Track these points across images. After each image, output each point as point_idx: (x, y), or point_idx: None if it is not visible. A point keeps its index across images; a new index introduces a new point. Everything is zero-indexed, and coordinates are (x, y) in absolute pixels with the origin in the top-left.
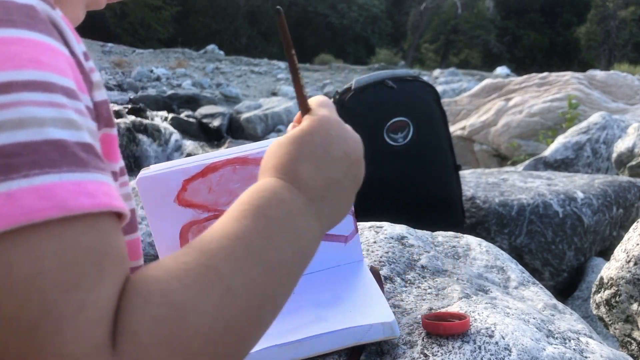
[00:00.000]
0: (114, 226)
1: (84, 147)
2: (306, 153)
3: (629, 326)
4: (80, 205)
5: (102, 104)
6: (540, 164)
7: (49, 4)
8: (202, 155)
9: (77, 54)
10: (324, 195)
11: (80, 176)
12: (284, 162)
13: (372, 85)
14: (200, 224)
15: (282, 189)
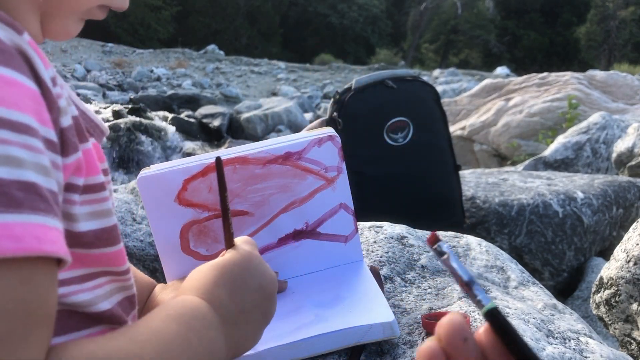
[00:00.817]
0: (45, 275)
1: (23, 186)
2: (225, 280)
3: (629, 326)
4: (1, 249)
5: (69, 129)
6: (540, 164)
7: (15, 30)
8: (203, 155)
9: (45, 80)
10: (235, 321)
11: (9, 217)
12: (205, 285)
13: (372, 85)
14: (200, 224)
15: (202, 306)
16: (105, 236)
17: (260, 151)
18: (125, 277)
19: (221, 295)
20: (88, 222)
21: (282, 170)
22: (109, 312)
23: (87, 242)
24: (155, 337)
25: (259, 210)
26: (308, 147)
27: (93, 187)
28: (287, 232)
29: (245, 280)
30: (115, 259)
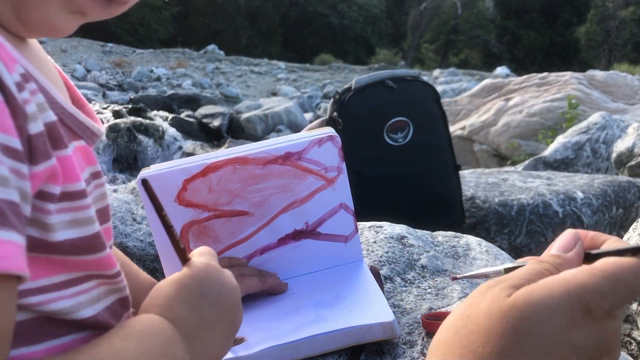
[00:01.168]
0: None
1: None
2: (183, 295)
3: (629, 326)
4: None
5: (38, 136)
6: (540, 164)
7: None
8: (203, 155)
9: (7, 86)
10: (197, 336)
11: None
12: (164, 302)
13: (372, 85)
14: (200, 224)
15: (162, 323)
16: (84, 245)
17: (260, 151)
18: (117, 279)
19: (180, 310)
20: (65, 231)
21: (282, 171)
22: (92, 318)
23: (65, 250)
24: (115, 356)
25: (259, 210)
26: (308, 148)
27: (71, 194)
28: (287, 232)
29: (204, 292)
30: (101, 264)
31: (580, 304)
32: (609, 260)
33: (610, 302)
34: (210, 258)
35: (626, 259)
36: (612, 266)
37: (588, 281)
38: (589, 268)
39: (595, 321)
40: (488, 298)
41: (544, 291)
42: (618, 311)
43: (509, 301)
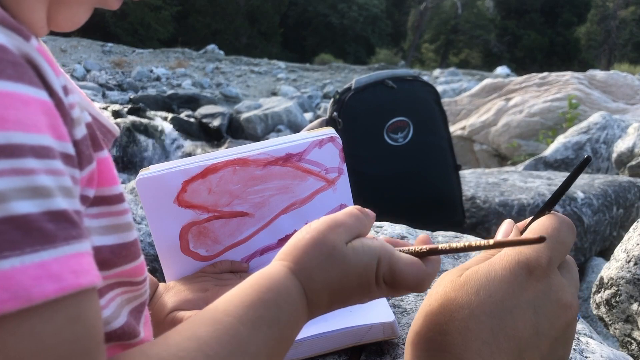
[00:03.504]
0: (88, 306)
1: (54, 216)
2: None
3: (629, 326)
4: (42, 293)
5: (83, 140)
6: (540, 163)
7: (22, 36)
8: (202, 156)
9: (57, 91)
10: (313, 317)
11: (46, 254)
12: (318, 282)
13: (372, 85)
14: (200, 225)
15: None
16: (124, 252)
17: (260, 153)
18: (141, 286)
19: (324, 303)
20: (103, 237)
21: (283, 172)
22: (120, 329)
23: (100, 260)
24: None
25: (259, 211)
26: (309, 149)
27: (109, 198)
28: (287, 232)
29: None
30: (134, 272)
31: (520, 267)
32: (533, 227)
33: (547, 256)
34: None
35: (545, 219)
36: (536, 229)
37: (521, 248)
38: None
39: (538, 279)
40: (443, 283)
41: (487, 266)
42: (558, 267)
43: (460, 280)
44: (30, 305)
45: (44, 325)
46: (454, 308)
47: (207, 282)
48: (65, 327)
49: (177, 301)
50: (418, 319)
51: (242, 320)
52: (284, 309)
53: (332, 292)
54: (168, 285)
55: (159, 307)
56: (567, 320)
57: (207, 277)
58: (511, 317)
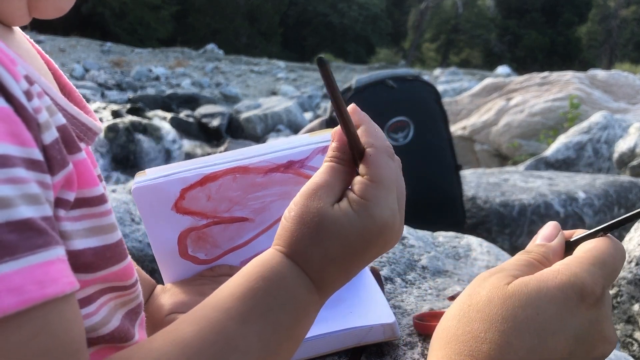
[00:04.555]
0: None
1: (16, 226)
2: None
3: (631, 327)
4: (1, 308)
5: (53, 144)
6: (541, 163)
7: None
8: (201, 161)
9: (16, 97)
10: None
11: (6, 267)
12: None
13: (373, 84)
14: (199, 230)
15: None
16: (108, 254)
17: (261, 160)
18: (132, 289)
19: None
20: (85, 240)
21: (284, 179)
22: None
23: (85, 263)
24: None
25: (259, 216)
26: (311, 156)
27: (90, 200)
28: None
29: (365, 255)
30: (122, 274)
31: (574, 291)
32: (588, 246)
33: (602, 285)
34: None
35: (601, 242)
36: (593, 251)
37: (578, 269)
38: (576, 258)
39: (588, 307)
40: (487, 287)
41: (539, 282)
42: (607, 295)
43: (508, 289)
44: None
45: (7, 340)
46: (497, 318)
47: (205, 285)
48: (31, 340)
49: (174, 303)
50: (454, 317)
51: (231, 315)
52: (279, 297)
53: (337, 263)
54: (165, 287)
55: (156, 308)
56: (603, 353)
57: (204, 280)
58: (552, 339)
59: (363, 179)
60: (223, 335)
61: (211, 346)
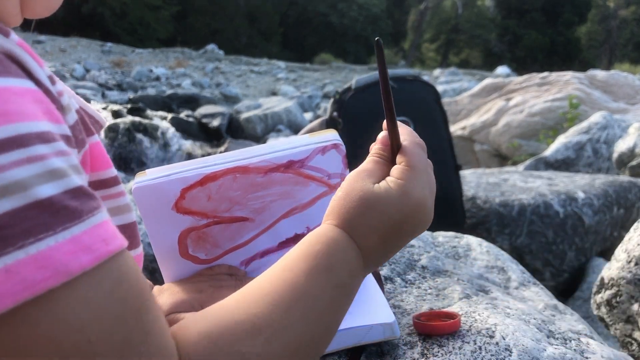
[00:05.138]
0: (125, 266)
1: (74, 194)
2: (383, 226)
3: (630, 326)
4: (80, 265)
5: (75, 125)
6: (541, 164)
7: (2, 33)
8: (201, 161)
9: (42, 81)
10: (375, 263)
11: (76, 229)
12: (362, 226)
13: (373, 85)
14: (199, 230)
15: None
16: (127, 233)
17: (261, 160)
18: None
19: (374, 241)
20: None
21: (284, 178)
22: None
23: None
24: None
25: (259, 216)
26: (311, 156)
27: (106, 181)
28: (287, 236)
29: (401, 227)
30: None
31: None
32: None
33: None
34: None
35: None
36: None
37: None
38: None
39: None
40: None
41: None
42: None
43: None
44: (71, 278)
45: (93, 293)
46: None
47: (203, 283)
48: (112, 290)
49: (173, 303)
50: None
51: (299, 271)
52: (336, 257)
53: (378, 233)
54: (162, 288)
55: None
56: None
57: (202, 278)
58: None
59: (400, 165)
60: (296, 286)
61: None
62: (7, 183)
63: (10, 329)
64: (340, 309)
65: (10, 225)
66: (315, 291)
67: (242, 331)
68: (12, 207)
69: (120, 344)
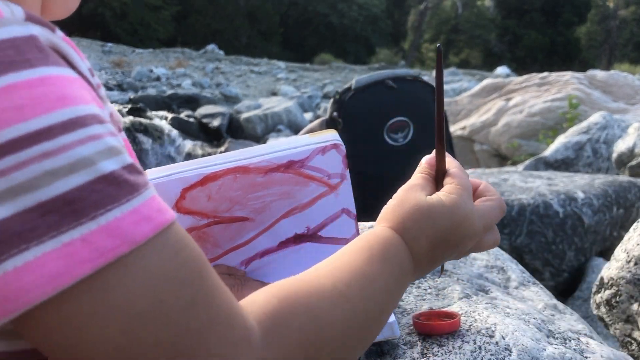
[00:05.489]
0: (182, 233)
1: (129, 169)
2: (433, 232)
3: (629, 326)
4: (144, 233)
5: (111, 116)
6: (540, 163)
7: (49, 28)
8: (201, 161)
9: (84, 73)
10: (423, 268)
11: (136, 201)
12: (413, 229)
13: (373, 85)
14: (200, 230)
15: (404, 254)
16: None
17: (261, 160)
18: None
19: (424, 245)
20: None
21: (284, 178)
22: None
23: None
24: (361, 278)
25: (259, 216)
26: (311, 156)
27: None
28: (287, 236)
29: (449, 238)
30: None
31: None
32: None
33: None
34: (468, 194)
35: None
36: None
37: None
38: None
39: None
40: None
41: None
42: None
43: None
44: (137, 245)
45: (158, 258)
46: None
47: None
48: (173, 255)
49: None
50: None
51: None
52: (389, 252)
53: (428, 238)
54: None
55: None
56: None
57: None
58: None
59: (451, 184)
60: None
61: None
62: (74, 160)
63: (89, 297)
64: (391, 299)
65: (82, 199)
66: (372, 274)
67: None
68: (82, 181)
69: (190, 302)
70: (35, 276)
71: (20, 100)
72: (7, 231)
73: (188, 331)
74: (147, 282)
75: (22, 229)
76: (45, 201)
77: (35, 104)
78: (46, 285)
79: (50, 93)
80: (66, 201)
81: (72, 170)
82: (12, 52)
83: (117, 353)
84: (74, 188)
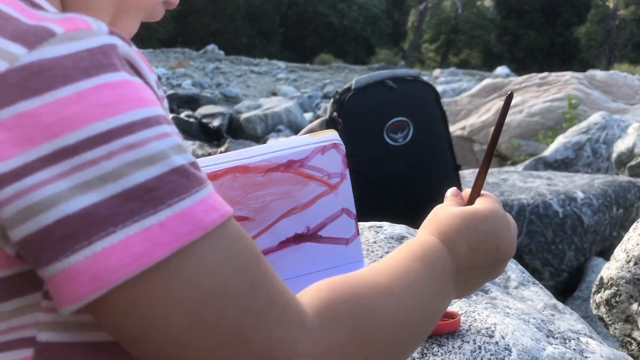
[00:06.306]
0: (234, 224)
1: (195, 165)
2: (468, 233)
3: (629, 326)
4: (212, 221)
5: None
6: (540, 164)
7: (126, 42)
8: (201, 161)
9: (152, 85)
10: (466, 273)
11: (203, 193)
12: (450, 231)
13: (372, 85)
14: None
15: (444, 252)
16: None
17: (261, 160)
18: None
19: (462, 246)
20: None
21: (284, 178)
22: None
23: None
24: (403, 273)
25: (259, 215)
26: (311, 155)
27: None
28: (287, 235)
29: (487, 239)
30: None
31: None
32: None
33: None
34: (500, 206)
35: None
36: None
37: None
38: None
39: None
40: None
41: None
42: None
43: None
44: (207, 232)
45: (223, 244)
46: None
47: None
48: (234, 243)
49: None
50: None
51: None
52: (432, 255)
53: (467, 240)
54: None
55: None
56: None
57: None
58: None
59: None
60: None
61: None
62: (153, 153)
63: (162, 278)
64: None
65: (159, 187)
66: (414, 270)
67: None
68: (159, 172)
69: (249, 286)
70: (121, 257)
71: (109, 98)
72: (97, 215)
73: (248, 313)
74: (213, 266)
75: (109, 213)
76: (128, 188)
77: (121, 102)
78: (130, 265)
79: (131, 93)
80: (146, 189)
81: (150, 162)
82: (101, 57)
83: (181, 333)
84: (152, 178)
